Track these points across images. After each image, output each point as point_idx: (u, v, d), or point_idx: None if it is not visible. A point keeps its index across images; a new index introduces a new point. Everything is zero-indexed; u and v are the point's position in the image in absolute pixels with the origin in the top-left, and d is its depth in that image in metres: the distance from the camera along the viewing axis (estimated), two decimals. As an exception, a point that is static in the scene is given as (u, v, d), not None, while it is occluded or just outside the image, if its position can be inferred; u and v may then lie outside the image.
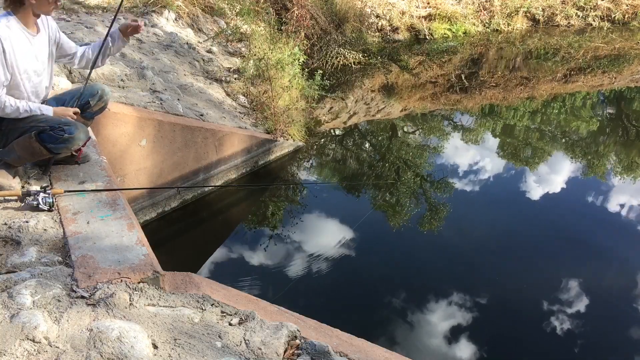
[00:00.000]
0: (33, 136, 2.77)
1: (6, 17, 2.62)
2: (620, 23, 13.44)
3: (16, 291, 1.98)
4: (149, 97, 4.87)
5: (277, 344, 1.92)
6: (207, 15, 8.24)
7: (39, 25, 2.83)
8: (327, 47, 9.28)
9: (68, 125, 2.80)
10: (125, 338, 1.81)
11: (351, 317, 3.78)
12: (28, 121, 2.82)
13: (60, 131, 2.77)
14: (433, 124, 8.08)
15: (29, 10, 2.67)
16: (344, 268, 4.39)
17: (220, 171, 5.29)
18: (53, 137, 2.78)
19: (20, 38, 2.67)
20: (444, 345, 3.62)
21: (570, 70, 10.56)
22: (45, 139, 2.78)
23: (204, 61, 6.77)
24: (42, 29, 2.85)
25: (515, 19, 12.74)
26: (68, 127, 2.79)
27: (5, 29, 2.58)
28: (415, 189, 5.89)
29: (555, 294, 4.12)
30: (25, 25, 2.70)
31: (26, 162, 2.99)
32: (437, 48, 11.32)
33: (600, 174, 6.46)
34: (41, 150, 2.82)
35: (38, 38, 2.81)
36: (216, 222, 5.17)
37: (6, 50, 2.58)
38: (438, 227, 5.09)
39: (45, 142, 2.79)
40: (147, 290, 2.15)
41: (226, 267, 4.37)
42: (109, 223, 2.58)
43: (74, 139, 2.81)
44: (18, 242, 2.39)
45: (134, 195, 4.46)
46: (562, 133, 7.79)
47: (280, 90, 6.22)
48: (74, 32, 5.55)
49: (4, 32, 2.57)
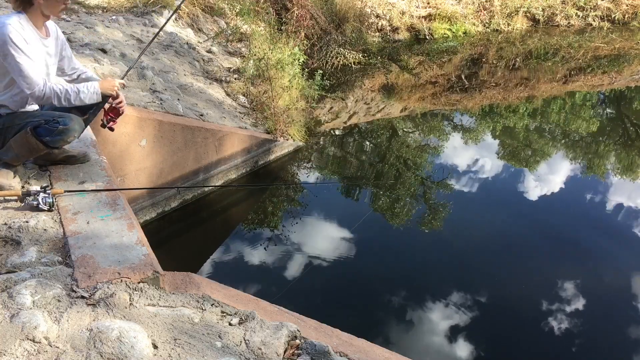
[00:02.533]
0: (29, 131, 2.77)
1: (18, 15, 2.63)
2: (620, 23, 13.44)
3: (16, 291, 1.98)
4: (149, 97, 4.87)
5: (277, 344, 1.92)
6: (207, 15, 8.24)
7: (49, 30, 2.84)
8: (327, 47, 9.28)
9: (62, 117, 2.80)
10: (125, 338, 1.81)
11: (351, 317, 3.78)
12: (24, 117, 2.82)
13: (55, 123, 2.77)
14: (433, 124, 8.07)
15: (38, 11, 2.67)
16: (344, 268, 4.39)
17: (220, 171, 5.29)
18: (48, 130, 2.77)
19: (33, 36, 2.68)
20: (444, 345, 3.62)
21: (570, 70, 10.56)
22: (42, 133, 2.78)
23: (204, 61, 6.77)
24: (51, 35, 2.86)
25: (515, 19, 12.74)
26: (62, 119, 2.79)
27: (18, 24, 2.58)
28: (415, 189, 5.90)
29: (554, 294, 4.12)
30: (35, 26, 2.71)
31: (25, 159, 2.98)
32: (437, 48, 11.32)
33: (600, 174, 6.46)
34: (38, 145, 2.81)
35: (48, 42, 2.82)
36: (216, 222, 5.17)
37: (28, 42, 2.60)
38: (438, 227, 5.09)
39: (41, 136, 2.78)
40: (147, 290, 2.15)
41: (226, 267, 4.37)
42: (109, 223, 2.58)
43: (69, 129, 2.80)
44: (18, 242, 2.39)
45: (134, 195, 4.46)
46: (562, 133, 7.79)
47: (280, 90, 6.22)
48: (74, 32, 5.55)
49: (19, 26, 2.58)
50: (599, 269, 4.52)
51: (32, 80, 2.63)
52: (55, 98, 2.73)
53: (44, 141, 2.81)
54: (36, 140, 2.79)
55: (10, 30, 2.53)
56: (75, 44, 5.28)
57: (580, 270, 4.47)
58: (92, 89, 2.85)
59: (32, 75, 2.62)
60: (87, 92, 2.83)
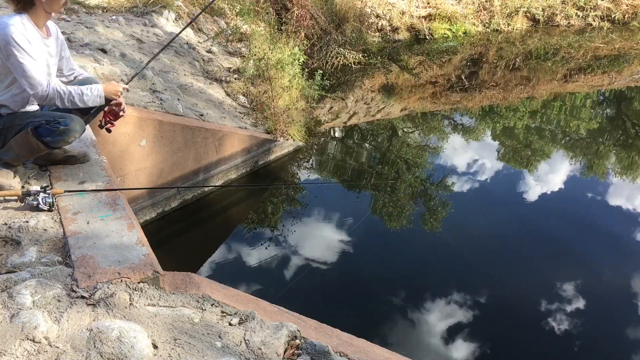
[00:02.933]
0: (30, 132, 2.77)
1: (20, 16, 2.62)
2: (620, 23, 13.44)
3: (16, 291, 1.98)
4: (149, 97, 4.87)
5: (277, 344, 1.92)
6: (207, 15, 8.24)
7: (50, 30, 2.84)
8: (327, 47, 9.28)
9: (63, 117, 2.80)
10: (125, 338, 1.81)
11: (351, 317, 3.78)
12: (24, 118, 2.82)
13: (56, 124, 2.77)
14: (433, 124, 8.07)
15: (40, 10, 2.66)
16: (344, 268, 4.39)
17: (220, 171, 5.29)
18: (49, 131, 2.77)
19: (35, 36, 2.67)
20: (444, 345, 3.63)
21: (570, 70, 10.56)
22: (42, 133, 2.78)
23: (204, 61, 6.78)
24: (52, 35, 2.85)
25: (515, 19, 12.74)
26: (63, 120, 2.79)
27: (21, 25, 2.58)
28: (415, 189, 5.90)
29: (554, 294, 4.12)
30: (37, 26, 2.70)
31: (25, 159, 2.98)
32: (437, 48, 11.32)
33: (600, 174, 6.46)
34: (39, 146, 2.82)
35: (50, 41, 2.81)
36: (216, 222, 5.17)
37: (31, 42, 2.60)
38: (438, 227, 5.09)
39: (42, 137, 2.78)
40: (147, 290, 2.15)
41: (226, 267, 4.37)
42: (109, 223, 2.58)
43: (70, 130, 2.80)
44: (18, 242, 2.39)
45: (134, 195, 4.46)
46: (562, 133, 7.79)
47: (280, 90, 6.22)
48: (74, 32, 5.55)
49: (21, 27, 2.57)
50: (599, 269, 4.52)
51: (36, 81, 2.63)
52: (59, 99, 2.73)
53: (45, 141, 2.81)
54: (37, 140, 2.79)
55: (12, 31, 2.52)
56: (75, 44, 5.28)
57: (580, 270, 4.47)
58: (96, 92, 2.86)
59: (35, 76, 2.62)
60: (91, 95, 2.83)
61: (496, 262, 4.54)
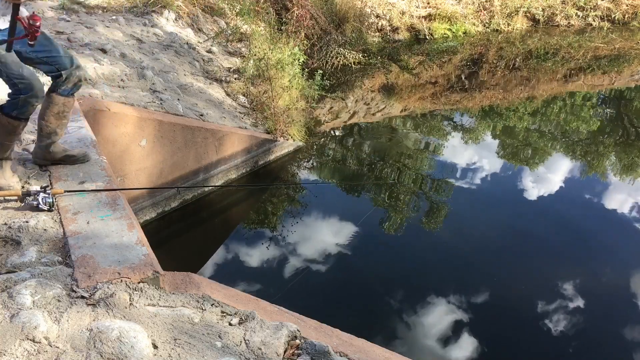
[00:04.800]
0: None
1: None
2: (620, 23, 13.44)
3: (16, 291, 1.98)
4: (149, 97, 4.87)
5: (277, 344, 1.92)
6: (207, 15, 8.24)
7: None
8: (327, 47, 9.27)
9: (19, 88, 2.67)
10: (125, 338, 1.81)
11: (351, 317, 3.78)
12: None
13: (15, 97, 2.68)
14: (433, 124, 8.07)
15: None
16: (344, 268, 4.39)
17: (220, 171, 5.29)
18: (13, 104, 2.70)
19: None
20: (444, 345, 3.62)
21: (570, 70, 10.57)
22: (8, 110, 2.71)
23: (204, 61, 6.78)
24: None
25: (515, 19, 12.74)
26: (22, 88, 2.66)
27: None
28: (415, 189, 5.90)
29: (555, 294, 4.12)
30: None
31: (6, 142, 2.84)
32: (437, 48, 11.32)
33: (600, 174, 6.46)
34: (11, 123, 2.74)
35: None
36: (216, 222, 5.17)
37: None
38: (438, 227, 5.10)
39: (9, 113, 2.71)
40: (147, 290, 2.15)
41: (226, 267, 4.37)
42: (109, 223, 2.57)
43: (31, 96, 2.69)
44: (18, 242, 2.39)
45: (134, 195, 4.46)
46: (562, 133, 7.79)
47: (280, 90, 6.22)
48: (74, 32, 5.55)
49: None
50: (599, 269, 4.52)
51: None
52: None
53: (14, 115, 2.73)
54: (7, 118, 2.73)
55: None
56: (75, 43, 5.28)
57: (580, 270, 4.47)
58: None
59: None
60: None
61: (496, 262, 4.54)
